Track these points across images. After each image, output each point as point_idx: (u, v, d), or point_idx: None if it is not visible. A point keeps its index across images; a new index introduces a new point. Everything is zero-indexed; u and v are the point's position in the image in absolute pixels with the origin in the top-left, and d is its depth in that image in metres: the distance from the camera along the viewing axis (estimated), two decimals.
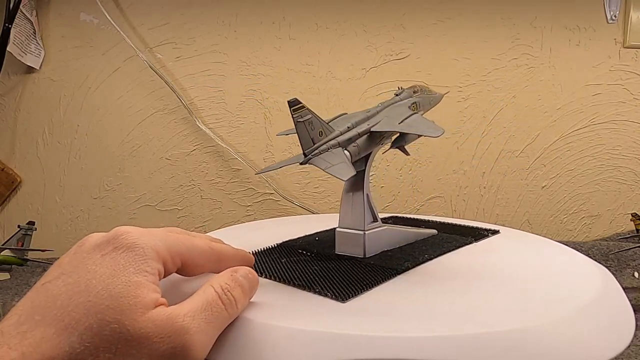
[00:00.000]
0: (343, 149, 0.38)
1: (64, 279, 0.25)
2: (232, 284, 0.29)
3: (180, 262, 0.29)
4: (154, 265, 0.27)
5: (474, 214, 1.02)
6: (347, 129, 0.40)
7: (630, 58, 0.98)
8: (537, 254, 0.44)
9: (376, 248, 0.41)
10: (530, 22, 0.97)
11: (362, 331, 0.27)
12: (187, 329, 0.25)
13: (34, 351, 0.22)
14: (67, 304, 0.24)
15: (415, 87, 0.47)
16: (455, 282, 0.36)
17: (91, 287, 0.24)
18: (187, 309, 0.26)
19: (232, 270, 0.31)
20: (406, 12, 0.97)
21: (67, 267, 0.26)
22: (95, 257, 0.26)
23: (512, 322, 0.28)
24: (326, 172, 0.35)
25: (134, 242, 0.27)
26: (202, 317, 0.26)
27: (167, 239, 0.29)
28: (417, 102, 0.46)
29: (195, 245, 0.30)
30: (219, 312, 0.27)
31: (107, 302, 0.24)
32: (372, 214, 0.41)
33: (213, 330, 0.27)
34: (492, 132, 1.00)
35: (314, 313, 0.30)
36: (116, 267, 0.25)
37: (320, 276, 0.36)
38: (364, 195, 0.41)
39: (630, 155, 1.00)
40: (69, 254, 0.27)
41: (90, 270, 0.25)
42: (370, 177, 0.99)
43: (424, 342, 0.26)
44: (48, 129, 0.99)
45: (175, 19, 0.97)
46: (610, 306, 0.34)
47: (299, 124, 0.36)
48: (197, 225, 1.01)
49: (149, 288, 0.25)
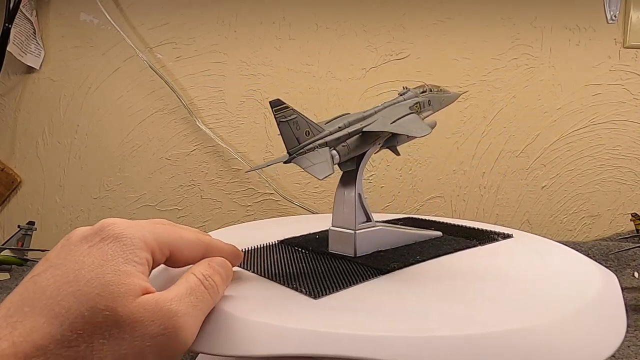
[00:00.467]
0: (331, 148, 0.39)
1: (52, 271, 0.25)
2: (211, 271, 0.30)
3: (168, 252, 0.30)
4: (142, 255, 0.27)
5: (474, 214, 1.02)
6: (338, 129, 0.40)
7: (630, 58, 0.98)
8: (537, 254, 0.44)
9: (368, 248, 0.42)
10: (530, 22, 0.97)
11: (325, 327, 0.27)
12: (175, 312, 0.26)
13: (24, 340, 0.22)
14: (56, 294, 0.24)
15: (424, 87, 0.47)
16: (450, 283, 0.36)
17: (80, 277, 0.25)
18: (174, 294, 0.27)
19: (208, 260, 0.32)
20: (406, 12, 0.97)
21: (55, 259, 0.26)
22: (83, 248, 0.26)
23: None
24: (306, 171, 0.36)
25: (121, 233, 0.27)
26: (188, 301, 0.27)
27: (154, 229, 0.29)
28: (422, 102, 0.45)
29: (183, 237, 0.31)
30: (203, 296, 0.28)
31: (97, 290, 0.24)
32: (365, 213, 0.42)
33: (199, 312, 0.28)
34: (492, 132, 1.00)
35: (283, 308, 0.31)
36: (104, 257, 0.26)
37: (304, 273, 0.37)
38: (355, 195, 0.41)
39: (630, 155, 1.00)
40: (57, 248, 0.27)
41: (79, 261, 0.25)
42: (370, 177, 1.00)
43: (388, 341, 0.26)
44: (48, 129, 0.99)
45: (175, 19, 0.97)
46: (610, 306, 0.34)
47: (282, 123, 0.37)
48: (197, 225, 1.01)
49: (138, 277, 0.26)
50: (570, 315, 0.30)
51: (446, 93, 0.49)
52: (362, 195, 0.42)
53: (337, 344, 0.26)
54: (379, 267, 0.38)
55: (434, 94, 0.47)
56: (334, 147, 0.39)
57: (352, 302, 0.32)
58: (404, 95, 0.45)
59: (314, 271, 0.38)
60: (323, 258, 0.41)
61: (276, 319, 0.29)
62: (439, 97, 0.47)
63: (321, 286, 0.33)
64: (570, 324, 0.29)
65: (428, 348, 0.26)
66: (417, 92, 0.46)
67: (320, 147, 0.38)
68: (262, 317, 0.29)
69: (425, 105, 0.46)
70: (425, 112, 0.46)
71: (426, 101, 0.46)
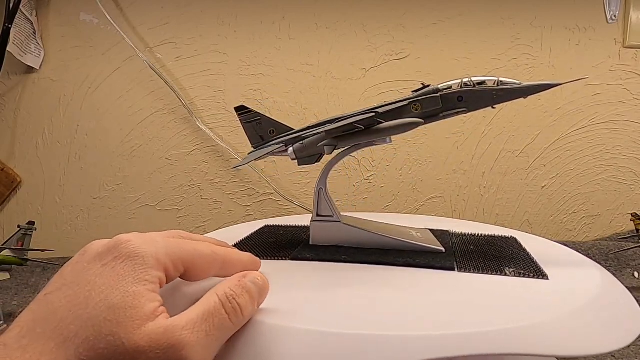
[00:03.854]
0: (287, 145, 0.45)
1: (65, 291, 0.25)
2: (238, 290, 0.28)
3: (182, 268, 0.29)
4: (154, 274, 0.26)
5: (474, 214, 1.02)
6: (306, 128, 0.45)
7: (630, 58, 0.98)
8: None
9: (326, 240, 0.44)
10: (530, 22, 0.97)
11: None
12: (184, 344, 0.24)
13: None
14: (66, 317, 0.24)
15: (462, 81, 0.43)
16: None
17: (90, 299, 0.24)
18: (186, 320, 0.25)
19: (240, 276, 0.30)
20: (406, 12, 0.97)
21: (69, 277, 0.26)
22: (96, 267, 0.26)
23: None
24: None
25: (134, 251, 0.27)
26: (203, 329, 0.25)
27: (168, 245, 0.28)
28: (422, 102, 0.42)
29: (198, 250, 0.30)
30: (221, 322, 0.27)
31: (104, 315, 0.24)
32: (329, 207, 0.44)
33: (213, 342, 0.26)
34: (492, 132, 1.00)
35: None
36: (115, 277, 0.25)
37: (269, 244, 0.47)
38: (316, 189, 0.45)
39: (630, 155, 1.00)
40: (71, 263, 0.27)
41: (90, 282, 0.25)
42: (370, 176, 1.00)
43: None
44: (48, 129, 0.99)
45: (175, 19, 0.97)
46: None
47: (246, 124, 0.47)
48: (197, 225, 1.01)
49: (148, 297, 0.25)
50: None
51: (493, 86, 0.42)
52: (324, 189, 0.45)
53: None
54: (289, 253, 0.42)
55: (473, 88, 0.42)
56: (291, 145, 0.44)
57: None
58: (419, 91, 0.43)
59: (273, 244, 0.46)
60: (297, 239, 0.48)
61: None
62: (480, 92, 0.42)
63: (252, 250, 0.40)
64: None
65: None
66: (434, 88, 0.43)
67: (279, 144, 0.45)
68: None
69: (446, 103, 0.42)
70: (451, 110, 0.42)
71: (454, 97, 0.42)
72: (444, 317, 0.29)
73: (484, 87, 0.42)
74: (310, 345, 0.27)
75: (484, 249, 0.45)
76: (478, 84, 0.42)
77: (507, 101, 0.41)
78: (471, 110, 0.42)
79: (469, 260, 0.41)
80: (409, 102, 0.43)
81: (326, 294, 0.34)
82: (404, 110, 0.43)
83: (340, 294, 0.34)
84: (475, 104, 0.42)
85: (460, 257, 0.42)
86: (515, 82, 0.41)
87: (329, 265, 0.40)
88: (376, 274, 0.37)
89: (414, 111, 0.43)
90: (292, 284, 0.36)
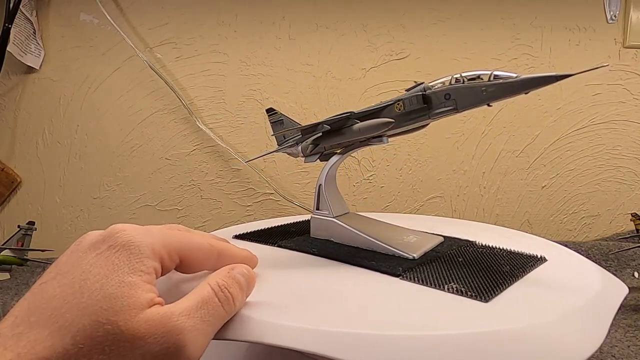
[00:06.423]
0: (297, 143, 0.50)
1: (60, 280, 0.25)
2: (229, 281, 0.29)
3: (178, 259, 0.29)
4: (149, 264, 0.26)
5: (474, 214, 1.02)
6: (317, 124, 0.47)
7: (630, 58, 0.98)
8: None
9: (322, 234, 0.47)
10: (530, 22, 0.97)
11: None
12: (181, 329, 0.25)
13: (28, 352, 0.22)
14: (61, 305, 0.24)
15: (452, 77, 0.39)
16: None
17: (85, 288, 0.24)
18: (182, 307, 0.26)
19: (229, 268, 0.31)
20: (406, 12, 0.97)
21: (64, 267, 0.26)
22: (91, 256, 0.26)
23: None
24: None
25: (129, 241, 0.27)
26: (198, 316, 0.26)
27: (164, 236, 0.29)
28: (404, 100, 0.40)
29: (194, 242, 0.30)
30: (215, 310, 0.27)
31: (100, 303, 0.24)
32: (326, 204, 0.47)
33: (209, 328, 0.27)
34: (492, 132, 1.00)
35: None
36: (110, 267, 0.25)
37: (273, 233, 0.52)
38: (316, 185, 0.48)
39: (630, 155, 1.00)
40: (66, 253, 0.27)
41: (85, 270, 0.25)
42: (370, 176, 1.00)
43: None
44: (48, 129, 0.99)
45: (175, 19, 0.97)
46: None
47: (272, 124, 0.57)
48: (197, 225, 1.01)
49: (144, 288, 0.25)
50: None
51: (489, 81, 0.36)
52: (323, 186, 0.47)
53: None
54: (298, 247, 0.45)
55: (462, 84, 0.38)
56: (299, 143, 0.50)
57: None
58: (410, 90, 0.41)
59: (279, 233, 0.51)
60: (297, 231, 0.52)
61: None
62: (471, 87, 0.37)
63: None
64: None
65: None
66: (422, 88, 0.40)
67: (291, 142, 0.51)
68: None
69: (431, 101, 0.39)
70: (437, 109, 0.39)
71: (441, 95, 0.38)
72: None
73: (472, 83, 0.37)
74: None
75: (474, 262, 0.40)
76: (470, 80, 0.37)
77: (502, 98, 0.36)
78: (459, 109, 0.38)
79: (430, 272, 0.37)
80: (395, 101, 0.41)
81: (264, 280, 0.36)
82: (388, 111, 0.41)
83: (272, 283, 0.35)
84: (463, 101, 0.37)
85: (425, 265, 0.38)
86: (511, 75, 0.35)
87: (299, 256, 0.43)
88: (327, 269, 0.39)
89: (397, 111, 0.40)
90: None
